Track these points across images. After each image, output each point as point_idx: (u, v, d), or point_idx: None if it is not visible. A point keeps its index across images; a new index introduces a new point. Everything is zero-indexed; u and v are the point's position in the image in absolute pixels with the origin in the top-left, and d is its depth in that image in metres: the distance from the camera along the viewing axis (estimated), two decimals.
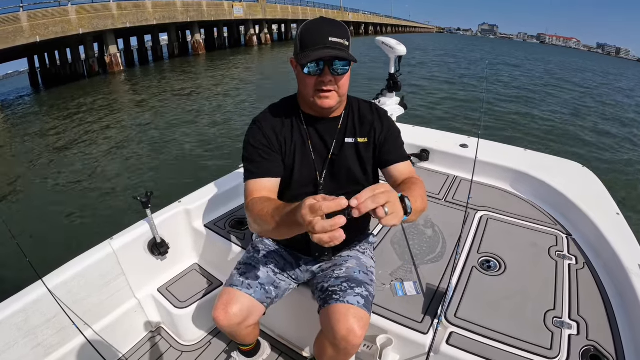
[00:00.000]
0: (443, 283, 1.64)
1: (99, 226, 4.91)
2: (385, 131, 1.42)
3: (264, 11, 37.05)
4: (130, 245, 1.86)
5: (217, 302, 1.36)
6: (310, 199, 0.84)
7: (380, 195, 0.84)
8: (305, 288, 1.59)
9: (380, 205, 0.83)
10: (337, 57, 1.18)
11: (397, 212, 0.88)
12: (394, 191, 0.89)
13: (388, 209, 0.85)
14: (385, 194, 0.85)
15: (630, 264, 1.59)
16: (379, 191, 0.85)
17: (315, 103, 1.29)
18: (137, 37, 30.25)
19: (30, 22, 17.40)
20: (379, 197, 0.83)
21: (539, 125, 10.30)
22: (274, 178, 1.32)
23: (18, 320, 1.48)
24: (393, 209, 0.86)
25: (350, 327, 1.21)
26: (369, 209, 0.83)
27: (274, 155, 1.34)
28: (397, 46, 3.01)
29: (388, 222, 0.86)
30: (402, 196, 0.98)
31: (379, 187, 0.86)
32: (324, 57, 1.17)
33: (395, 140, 1.43)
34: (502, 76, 20.03)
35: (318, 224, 0.79)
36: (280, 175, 1.35)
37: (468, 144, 2.78)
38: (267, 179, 1.30)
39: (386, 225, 0.86)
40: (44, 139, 9.95)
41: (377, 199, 0.83)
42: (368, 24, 72.82)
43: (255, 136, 1.35)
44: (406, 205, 0.97)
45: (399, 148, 1.43)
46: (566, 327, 1.41)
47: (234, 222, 2.09)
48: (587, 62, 45.17)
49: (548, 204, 2.30)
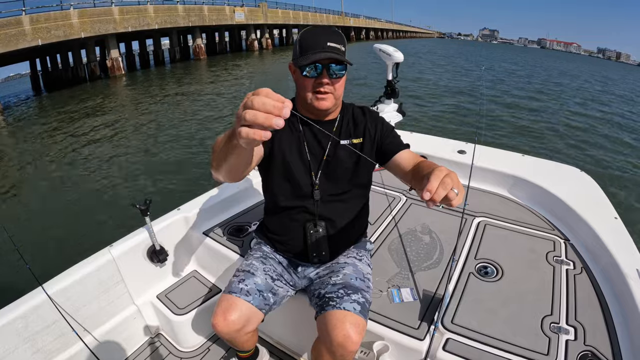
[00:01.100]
0: (440, 289, 1.65)
1: (98, 233, 4.90)
2: (379, 128, 1.48)
3: (265, 16, 37.15)
4: (130, 252, 1.88)
5: (216, 309, 1.37)
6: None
7: (446, 179, 0.85)
8: (303, 295, 1.61)
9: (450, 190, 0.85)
10: (334, 59, 1.27)
11: (462, 190, 0.89)
12: (450, 170, 0.91)
13: (456, 189, 0.86)
14: (449, 176, 0.87)
15: (628, 269, 1.60)
16: (444, 175, 0.86)
17: (312, 104, 1.35)
18: (138, 41, 30.28)
19: (32, 26, 17.44)
20: (447, 183, 0.85)
21: (537, 130, 10.32)
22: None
23: (18, 326, 1.49)
24: (459, 187, 0.87)
25: (347, 333, 1.23)
26: (442, 197, 0.84)
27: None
28: (394, 53, 3.04)
29: (457, 202, 0.87)
30: None
31: (442, 172, 0.88)
32: (323, 59, 1.26)
33: (390, 133, 1.48)
34: (501, 82, 20.02)
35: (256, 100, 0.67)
36: (265, 151, 1.39)
37: (466, 150, 2.79)
38: None
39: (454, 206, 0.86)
40: (44, 144, 9.96)
41: (446, 185, 0.85)
42: (369, 29, 72.92)
43: None
44: None
45: (396, 138, 1.47)
46: (563, 333, 1.42)
47: (232, 230, 2.11)
48: (585, 67, 45.23)
49: (546, 209, 2.31)
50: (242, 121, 0.67)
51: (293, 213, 1.50)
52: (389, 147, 1.44)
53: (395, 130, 1.53)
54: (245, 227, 2.12)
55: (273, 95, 0.67)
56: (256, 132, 0.66)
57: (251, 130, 0.67)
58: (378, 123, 1.50)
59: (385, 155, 1.44)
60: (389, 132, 1.48)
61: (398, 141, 1.46)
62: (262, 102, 0.65)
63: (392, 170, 1.45)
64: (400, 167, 1.38)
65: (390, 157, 1.42)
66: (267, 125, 0.65)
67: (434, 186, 0.84)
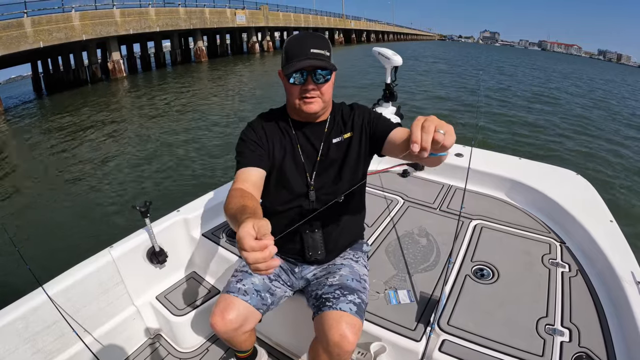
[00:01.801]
0: (436, 291, 1.66)
1: (98, 234, 4.92)
2: (366, 118, 1.50)
3: (266, 19, 37.24)
4: (129, 253, 1.89)
5: (214, 309, 1.39)
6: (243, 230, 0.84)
7: (427, 124, 0.86)
8: (300, 296, 1.62)
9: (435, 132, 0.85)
10: (317, 66, 1.29)
11: (449, 129, 0.88)
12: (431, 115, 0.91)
13: (442, 129, 0.86)
14: (429, 120, 0.87)
15: (623, 272, 1.61)
16: (423, 122, 0.87)
17: (301, 109, 1.38)
18: (140, 43, 30.39)
19: (34, 28, 17.50)
20: (428, 127, 0.85)
21: (534, 133, 10.30)
22: (259, 169, 1.37)
23: (19, 326, 1.51)
24: (444, 127, 0.87)
25: (343, 333, 1.24)
26: (430, 141, 0.84)
27: (261, 150, 1.42)
28: (393, 57, 3.06)
29: (450, 141, 0.87)
30: None
31: (419, 120, 0.88)
32: (305, 67, 1.28)
33: (378, 118, 1.49)
34: (498, 85, 20.00)
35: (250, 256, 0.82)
36: (266, 168, 1.41)
37: (463, 153, 2.79)
38: (253, 169, 1.36)
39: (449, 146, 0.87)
40: (45, 145, 9.99)
41: (428, 129, 0.85)
42: (370, 32, 73.05)
43: (247, 133, 1.46)
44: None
45: (385, 121, 1.48)
46: (558, 334, 1.43)
47: (231, 231, 2.11)
48: (585, 69, 45.26)
49: (542, 212, 2.32)
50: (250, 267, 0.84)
51: (289, 213, 1.52)
52: (380, 130, 1.44)
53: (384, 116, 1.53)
54: None
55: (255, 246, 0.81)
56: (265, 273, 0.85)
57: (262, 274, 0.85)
58: (365, 113, 1.51)
59: (379, 140, 1.43)
60: (377, 118, 1.49)
61: (388, 122, 1.46)
62: (255, 259, 0.81)
63: (390, 152, 1.41)
64: (396, 144, 1.35)
65: (384, 140, 1.41)
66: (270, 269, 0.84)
67: (417, 135, 0.85)
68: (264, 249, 0.81)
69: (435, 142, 0.85)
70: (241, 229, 0.83)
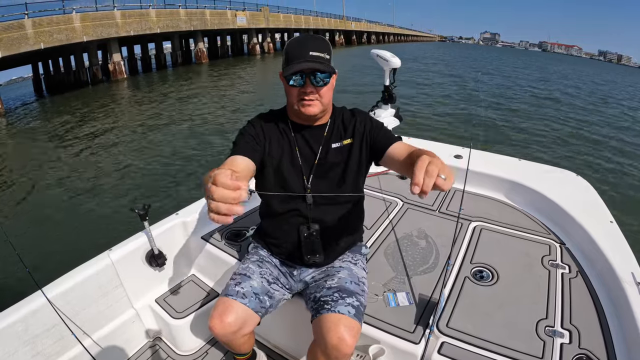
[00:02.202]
0: (435, 293, 1.65)
1: (97, 237, 4.91)
2: (368, 126, 1.51)
3: (266, 20, 37.30)
4: (129, 256, 1.89)
5: (213, 312, 1.39)
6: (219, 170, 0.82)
7: (430, 168, 0.88)
8: (299, 298, 1.62)
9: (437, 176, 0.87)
10: (315, 69, 1.30)
11: (449, 172, 0.91)
12: (435, 156, 0.94)
13: (443, 175, 0.88)
14: (432, 163, 0.89)
15: (623, 273, 1.60)
16: (426, 164, 0.89)
17: (300, 111, 1.39)
18: (140, 45, 30.42)
19: (34, 29, 17.54)
20: (431, 171, 0.88)
21: (534, 134, 10.32)
22: (248, 159, 1.37)
23: (18, 329, 1.50)
24: (445, 172, 0.90)
25: (341, 336, 1.24)
26: (431, 186, 0.87)
27: (255, 144, 1.43)
28: (391, 59, 3.06)
29: (448, 186, 0.90)
30: None
31: (424, 161, 0.90)
32: (304, 70, 1.30)
33: (380, 129, 1.51)
34: (497, 86, 20.00)
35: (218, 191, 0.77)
36: (256, 162, 1.41)
37: (462, 155, 2.79)
38: (242, 157, 1.36)
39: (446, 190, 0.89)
40: (45, 147, 10.01)
41: (431, 173, 0.87)
42: (370, 33, 73.11)
43: (246, 128, 1.49)
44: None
45: (387, 133, 1.50)
46: (558, 336, 1.42)
47: (230, 234, 2.12)
48: (586, 70, 45.23)
49: (542, 213, 2.32)
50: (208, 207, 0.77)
51: (287, 216, 1.53)
52: (380, 142, 1.46)
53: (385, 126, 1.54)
54: (243, 231, 2.14)
55: (229, 184, 0.76)
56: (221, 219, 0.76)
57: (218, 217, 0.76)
58: (367, 121, 1.52)
59: (379, 152, 1.46)
60: (379, 128, 1.50)
61: (389, 135, 1.48)
62: (221, 195, 0.75)
63: (388, 164, 1.46)
64: (395, 159, 1.39)
65: (384, 152, 1.43)
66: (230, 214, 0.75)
67: (419, 179, 0.87)
68: (236, 189, 0.76)
69: (435, 186, 0.88)
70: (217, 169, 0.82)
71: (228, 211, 0.75)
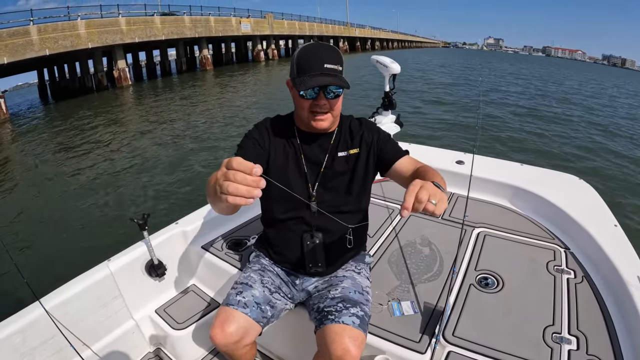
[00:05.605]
0: (440, 302, 1.63)
1: (96, 247, 4.85)
2: (376, 138, 1.50)
3: (271, 27, 37.55)
4: (128, 266, 1.87)
5: (214, 322, 1.37)
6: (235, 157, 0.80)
7: (420, 193, 0.90)
8: (302, 309, 1.59)
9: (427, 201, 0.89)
10: (332, 84, 1.27)
11: (441, 197, 0.93)
12: (426, 182, 0.95)
13: (434, 200, 0.90)
14: (423, 189, 0.91)
15: (629, 277, 1.58)
16: (417, 189, 0.91)
17: (310, 124, 1.38)
18: (145, 52, 30.69)
19: (40, 36, 17.75)
20: (421, 196, 0.90)
21: (536, 139, 10.28)
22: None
23: (16, 341, 1.49)
24: (437, 197, 0.91)
25: (346, 347, 1.22)
26: (420, 210, 0.90)
27: (260, 149, 1.43)
28: (391, 64, 3.06)
29: (439, 210, 0.91)
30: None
31: (415, 187, 0.92)
32: (320, 85, 1.26)
33: (387, 141, 1.50)
34: (499, 92, 19.98)
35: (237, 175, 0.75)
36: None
37: (464, 160, 2.77)
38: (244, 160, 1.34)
39: (438, 215, 0.91)
40: (47, 155, 10.05)
41: (421, 199, 0.90)
42: (374, 39, 73.41)
43: (252, 132, 1.49)
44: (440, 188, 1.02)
45: (394, 146, 1.49)
46: (565, 343, 1.40)
47: (231, 243, 2.10)
48: (590, 75, 45.18)
49: (545, 218, 2.29)
50: (225, 191, 0.74)
51: (290, 224, 1.51)
52: (387, 155, 1.45)
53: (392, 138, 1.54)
54: (244, 240, 2.12)
55: (246, 166, 0.75)
56: (242, 200, 0.74)
57: (238, 198, 0.74)
58: (374, 133, 1.51)
59: (385, 164, 1.45)
60: (386, 141, 1.50)
61: (396, 149, 1.47)
62: (242, 178, 0.74)
63: (393, 178, 1.46)
64: (401, 174, 1.40)
65: (390, 166, 1.43)
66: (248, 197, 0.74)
67: (409, 203, 0.89)
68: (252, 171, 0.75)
69: (425, 210, 0.91)
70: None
71: (248, 193, 0.74)
